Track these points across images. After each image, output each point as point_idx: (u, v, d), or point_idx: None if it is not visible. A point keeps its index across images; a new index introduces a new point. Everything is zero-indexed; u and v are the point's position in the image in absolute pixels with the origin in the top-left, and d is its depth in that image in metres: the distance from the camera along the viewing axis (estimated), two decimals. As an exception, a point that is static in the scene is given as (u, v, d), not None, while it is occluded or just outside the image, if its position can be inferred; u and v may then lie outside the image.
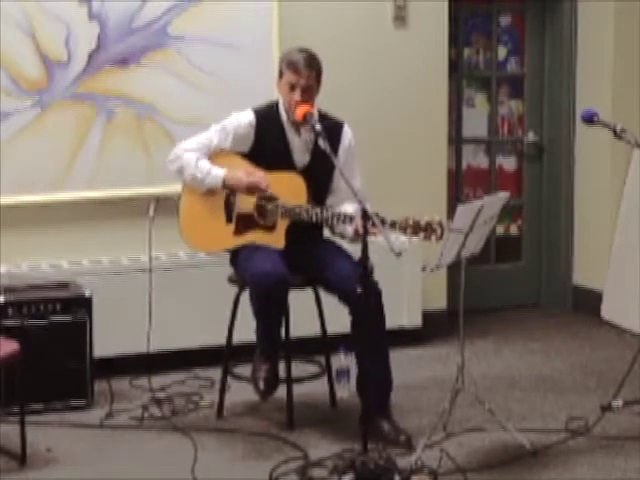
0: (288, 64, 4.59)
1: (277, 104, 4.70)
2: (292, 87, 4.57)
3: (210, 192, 4.67)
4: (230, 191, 4.65)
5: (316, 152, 4.62)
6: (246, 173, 4.59)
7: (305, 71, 4.56)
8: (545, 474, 4.23)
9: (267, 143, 4.65)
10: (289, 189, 4.60)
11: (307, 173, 4.63)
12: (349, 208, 4.58)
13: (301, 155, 4.69)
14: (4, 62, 5.22)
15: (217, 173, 4.62)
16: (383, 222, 4.20)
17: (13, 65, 5.25)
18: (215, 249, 4.80)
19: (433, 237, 4.30)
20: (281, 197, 4.61)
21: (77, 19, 5.32)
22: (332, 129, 4.58)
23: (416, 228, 4.30)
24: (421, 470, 4.12)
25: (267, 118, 4.67)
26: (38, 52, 5.28)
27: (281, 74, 4.64)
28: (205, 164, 4.64)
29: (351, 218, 4.44)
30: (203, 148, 4.67)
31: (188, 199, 4.74)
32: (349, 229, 4.51)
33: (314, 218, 4.53)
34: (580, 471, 4.26)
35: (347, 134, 4.75)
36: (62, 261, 5.40)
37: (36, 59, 5.28)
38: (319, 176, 4.66)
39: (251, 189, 4.60)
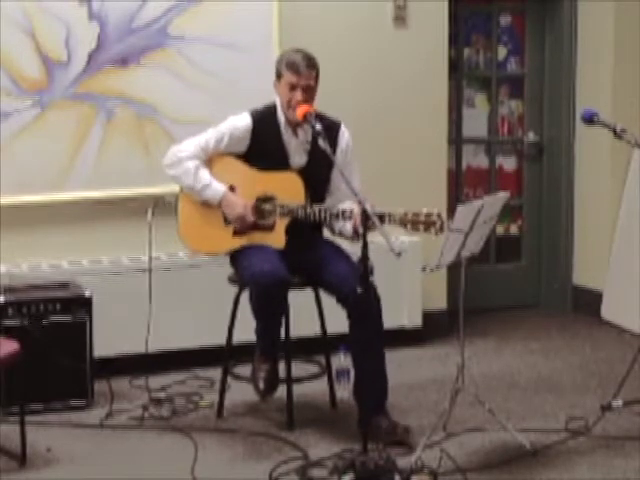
0: (288, 65, 4.57)
1: (274, 106, 4.69)
2: (293, 87, 4.56)
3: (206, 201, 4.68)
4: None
5: (313, 153, 4.63)
6: (243, 206, 4.60)
7: (306, 71, 4.55)
8: (545, 474, 4.23)
9: (264, 145, 4.64)
10: (287, 188, 4.59)
11: (304, 174, 4.62)
12: (347, 205, 4.57)
13: (298, 157, 4.68)
14: (4, 62, 5.22)
15: (216, 190, 4.62)
16: (382, 218, 4.19)
17: (13, 65, 5.25)
18: (215, 251, 4.78)
19: (432, 230, 4.27)
20: (279, 196, 4.61)
21: (77, 19, 5.32)
22: (329, 129, 4.54)
23: (415, 222, 4.30)
24: (421, 470, 4.11)
25: (264, 120, 4.66)
26: (38, 52, 5.28)
27: (279, 75, 4.62)
28: (205, 175, 4.63)
29: (350, 214, 4.44)
30: (200, 152, 4.65)
31: (186, 202, 4.73)
32: (348, 226, 4.51)
33: (312, 216, 4.53)
34: (580, 471, 4.26)
35: (344, 135, 4.73)
36: (62, 261, 5.39)
37: (36, 59, 5.28)
38: (316, 177, 4.66)
39: (238, 221, 4.62)
